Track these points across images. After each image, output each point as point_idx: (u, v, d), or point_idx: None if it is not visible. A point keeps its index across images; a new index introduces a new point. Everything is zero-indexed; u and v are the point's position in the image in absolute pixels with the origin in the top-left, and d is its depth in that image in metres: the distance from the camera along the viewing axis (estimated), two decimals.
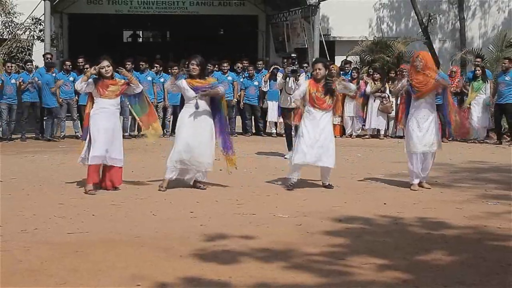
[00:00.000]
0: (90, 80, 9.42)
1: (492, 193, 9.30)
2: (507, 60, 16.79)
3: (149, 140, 10.08)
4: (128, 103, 10.19)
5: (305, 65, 16.56)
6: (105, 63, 9.37)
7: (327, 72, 9.70)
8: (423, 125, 9.49)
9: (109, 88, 9.33)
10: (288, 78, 12.76)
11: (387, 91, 17.25)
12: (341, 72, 18.15)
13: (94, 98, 9.41)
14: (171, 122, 17.58)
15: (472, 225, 7.32)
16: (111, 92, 9.35)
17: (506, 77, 16.35)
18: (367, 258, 5.92)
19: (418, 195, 9.14)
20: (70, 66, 17.30)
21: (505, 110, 16.42)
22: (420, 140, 9.49)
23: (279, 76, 13.35)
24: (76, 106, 17.03)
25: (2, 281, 5.24)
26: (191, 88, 9.38)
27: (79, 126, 16.47)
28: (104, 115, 9.31)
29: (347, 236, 6.77)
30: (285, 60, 19.50)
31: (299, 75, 12.66)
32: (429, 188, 9.63)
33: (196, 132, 9.36)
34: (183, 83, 9.52)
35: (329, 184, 9.69)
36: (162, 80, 17.50)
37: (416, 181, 9.63)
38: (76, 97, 16.85)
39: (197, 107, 9.34)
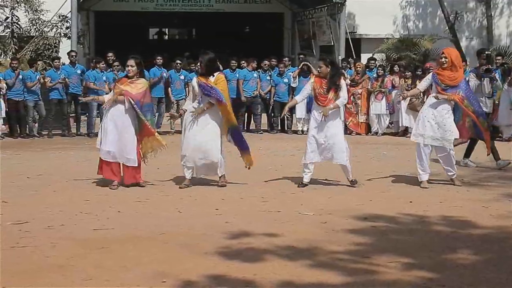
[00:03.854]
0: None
1: None
2: None
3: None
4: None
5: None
6: (131, 62, 9.47)
7: (329, 70, 9.50)
8: (439, 118, 9.41)
9: (118, 86, 9.45)
10: (483, 78, 11.81)
11: None
12: (367, 70, 18.12)
13: None
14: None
15: (498, 224, 7.26)
16: (117, 90, 9.42)
17: None
18: (392, 256, 5.90)
19: (444, 194, 9.07)
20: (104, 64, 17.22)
21: None
22: (431, 131, 9.44)
23: (473, 78, 12.12)
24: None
25: (29, 276, 5.30)
26: (198, 85, 9.39)
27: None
28: (113, 112, 9.40)
29: (372, 235, 6.75)
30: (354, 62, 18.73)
31: (494, 74, 11.72)
32: (460, 186, 9.62)
33: (200, 129, 9.34)
34: (194, 80, 9.66)
35: (352, 180, 9.59)
36: (182, 77, 17.62)
37: (424, 177, 9.59)
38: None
39: (199, 102, 9.38)
